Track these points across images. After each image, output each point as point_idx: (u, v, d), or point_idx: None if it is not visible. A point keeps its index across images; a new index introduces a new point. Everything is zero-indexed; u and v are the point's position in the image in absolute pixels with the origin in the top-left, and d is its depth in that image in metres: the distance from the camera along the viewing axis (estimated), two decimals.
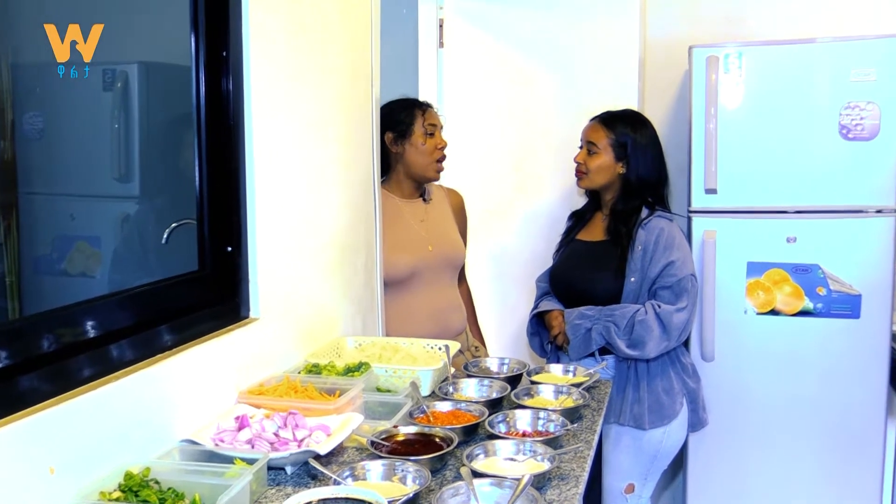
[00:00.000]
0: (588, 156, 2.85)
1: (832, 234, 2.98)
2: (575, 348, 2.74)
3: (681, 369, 2.80)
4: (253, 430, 1.66)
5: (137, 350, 1.59)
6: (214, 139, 1.86)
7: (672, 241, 2.73)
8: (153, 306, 1.71)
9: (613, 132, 2.83)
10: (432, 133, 2.77)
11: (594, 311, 2.74)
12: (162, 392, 1.61)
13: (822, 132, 2.96)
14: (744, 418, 3.11)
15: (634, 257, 2.73)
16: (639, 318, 2.65)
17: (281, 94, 2.03)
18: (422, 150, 2.75)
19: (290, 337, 2.11)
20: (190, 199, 1.87)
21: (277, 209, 2.02)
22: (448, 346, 2.29)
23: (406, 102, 2.81)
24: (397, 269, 2.69)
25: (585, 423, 2.00)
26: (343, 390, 1.86)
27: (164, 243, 2.06)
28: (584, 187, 2.96)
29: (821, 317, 3.00)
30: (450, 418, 1.90)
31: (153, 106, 2.13)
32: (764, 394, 3.09)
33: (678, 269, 2.70)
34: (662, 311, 2.65)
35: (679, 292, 2.68)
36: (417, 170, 2.77)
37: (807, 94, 2.98)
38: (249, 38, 1.88)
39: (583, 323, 2.73)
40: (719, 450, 3.14)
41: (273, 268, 2.00)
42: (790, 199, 3.02)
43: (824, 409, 3.03)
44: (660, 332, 2.64)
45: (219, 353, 1.80)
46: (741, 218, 3.06)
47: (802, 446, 3.07)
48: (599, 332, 2.70)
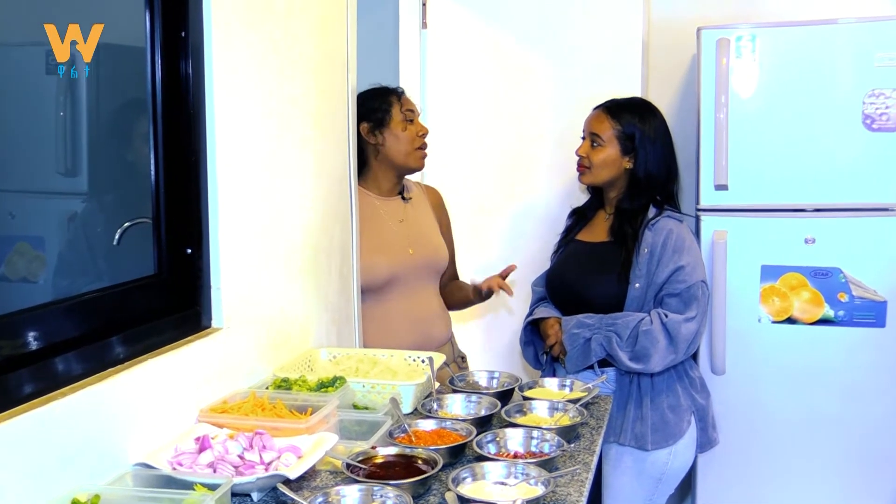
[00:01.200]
0: (591, 148, 2.85)
1: (855, 235, 3.00)
2: (572, 360, 2.74)
3: (688, 384, 2.80)
4: (215, 453, 1.65)
5: (86, 364, 1.58)
6: (172, 129, 1.85)
7: (682, 244, 2.73)
8: (103, 315, 1.69)
9: (620, 122, 2.83)
10: (412, 119, 2.78)
11: (594, 319, 2.74)
12: (113, 410, 1.60)
13: (844, 122, 2.97)
14: (758, 438, 3.12)
15: (640, 261, 2.73)
16: (643, 328, 2.65)
17: (246, 80, 2.02)
18: (403, 138, 2.75)
19: (256, 349, 2.10)
20: (145, 195, 1.86)
21: (243, 207, 2.01)
22: (432, 357, 2.29)
23: (378, 91, 2.82)
24: (374, 275, 2.69)
25: (583, 444, 2.00)
26: (315, 408, 1.85)
27: (115, 245, 2.05)
28: (586, 183, 2.95)
29: (842, 325, 3.02)
30: (434, 438, 1.90)
31: (103, 91, 2.12)
32: (780, 410, 3.10)
33: (688, 275, 2.69)
34: (669, 320, 2.65)
35: (688, 300, 2.69)
36: (400, 159, 2.77)
37: (827, 80, 3.00)
38: (211, 18, 1.87)
39: (581, 332, 2.73)
40: (731, 472, 3.15)
41: (238, 272, 2.00)
42: (808, 196, 3.04)
43: (846, 428, 3.05)
44: (666, 343, 2.65)
45: (177, 367, 1.79)
46: (754, 217, 3.08)
47: (822, 468, 3.08)
48: (600, 343, 2.70)
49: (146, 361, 1.70)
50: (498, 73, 3.50)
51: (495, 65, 3.50)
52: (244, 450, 1.67)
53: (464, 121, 3.54)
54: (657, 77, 3.62)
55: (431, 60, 3.55)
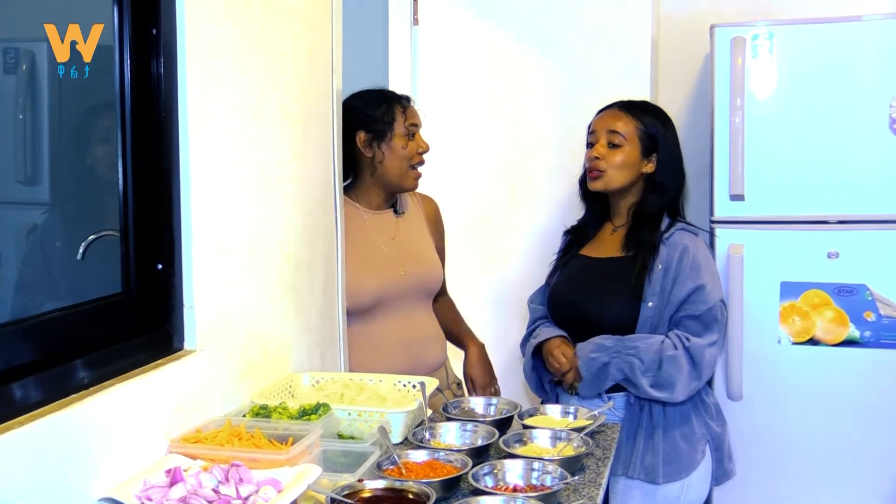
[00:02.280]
0: (608, 149, 2.80)
1: (882, 249, 3.01)
2: (587, 385, 2.72)
3: (703, 411, 2.79)
4: (188, 486, 1.65)
5: (46, 390, 1.57)
6: (142, 134, 1.85)
7: (700, 262, 2.71)
8: (66, 336, 1.69)
9: (641, 121, 2.80)
10: (413, 134, 2.75)
11: (612, 340, 2.69)
12: (76, 441, 1.59)
13: (870, 127, 2.99)
14: (778, 468, 3.13)
15: (654, 278, 2.71)
16: (667, 353, 2.63)
17: (223, 80, 2.02)
18: (401, 156, 2.72)
19: (232, 373, 2.09)
20: (111, 206, 1.86)
21: (218, 219, 2.01)
22: (424, 382, 2.28)
23: (383, 96, 2.78)
24: (360, 297, 2.67)
25: (588, 476, 2.00)
26: (297, 437, 1.85)
27: (79, 259, 2.05)
28: (596, 189, 2.85)
29: (869, 347, 3.02)
30: (426, 470, 1.90)
31: (67, 93, 2.12)
32: (801, 439, 3.11)
33: (708, 295, 2.67)
34: (692, 345, 2.63)
35: (709, 323, 2.67)
36: (393, 178, 2.75)
37: (851, 81, 3.01)
38: (184, 13, 1.87)
39: (600, 356, 2.68)
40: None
41: (213, 290, 1.99)
42: (831, 206, 3.05)
43: (874, 457, 3.05)
44: (689, 369, 2.63)
45: (146, 393, 1.78)
46: (773, 230, 3.09)
47: (848, 500, 3.08)
48: (619, 368, 2.66)
49: (112, 387, 1.69)
50: (495, 73, 3.51)
51: (492, 64, 3.51)
52: (219, 483, 1.67)
53: (458, 124, 3.55)
54: (667, 78, 3.64)
55: (423, 59, 3.56)
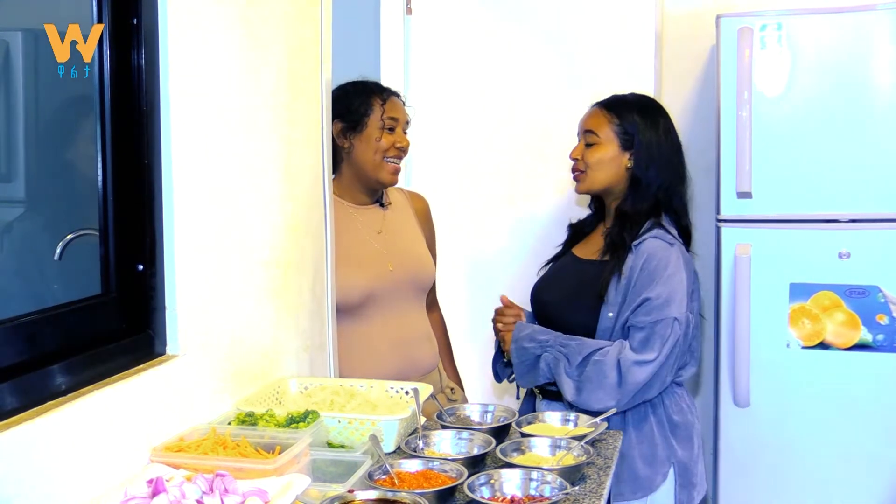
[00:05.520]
0: (586, 149, 2.79)
1: (895, 249, 3.01)
2: (521, 376, 2.72)
3: (670, 432, 2.68)
4: (170, 497, 1.64)
5: (21, 396, 1.57)
6: (122, 128, 1.85)
7: (660, 271, 2.61)
8: (42, 340, 1.68)
9: (618, 117, 2.78)
10: (392, 128, 2.76)
11: (549, 335, 2.68)
12: (54, 449, 1.59)
13: (883, 122, 3.00)
14: (787, 478, 3.13)
15: (618, 286, 2.65)
16: (596, 357, 2.57)
17: (207, 72, 2.02)
18: (374, 147, 2.74)
19: (217, 378, 2.09)
20: (90, 203, 1.86)
21: (202, 218, 2.01)
22: (417, 388, 2.29)
23: (364, 87, 2.81)
24: (349, 294, 2.68)
25: (589, 486, 2.00)
26: (284, 446, 1.85)
27: (56, 260, 2.04)
28: (582, 191, 2.86)
29: (881, 351, 3.03)
30: (419, 480, 1.90)
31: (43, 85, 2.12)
32: (811, 446, 3.11)
33: (656, 309, 2.57)
34: (623, 357, 2.55)
35: (649, 338, 2.57)
36: (367, 170, 2.77)
37: (864, 74, 3.02)
38: (167, 2, 1.87)
39: (531, 348, 2.68)
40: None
41: (196, 292, 1.99)
42: (842, 205, 3.05)
43: (886, 466, 3.06)
44: (615, 382, 2.55)
45: (127, 400, 1.78)
46: (782, 229, 3.09)
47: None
48: (548, 363, 2.65)
49: (91, 393, 1.69)
50: (492, 65, 3.51)
51: (489, 56, 3.51)
52: (203, 494, 1.67)
53: (453, 119, 3.55)
54: (672, 71, 3.64)
55: (416, 50, 3.56)
